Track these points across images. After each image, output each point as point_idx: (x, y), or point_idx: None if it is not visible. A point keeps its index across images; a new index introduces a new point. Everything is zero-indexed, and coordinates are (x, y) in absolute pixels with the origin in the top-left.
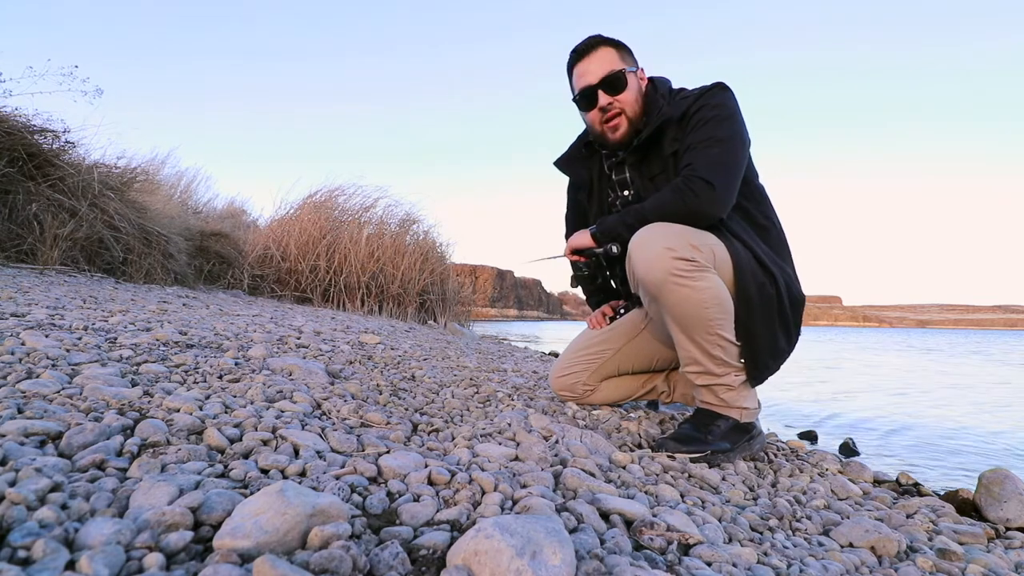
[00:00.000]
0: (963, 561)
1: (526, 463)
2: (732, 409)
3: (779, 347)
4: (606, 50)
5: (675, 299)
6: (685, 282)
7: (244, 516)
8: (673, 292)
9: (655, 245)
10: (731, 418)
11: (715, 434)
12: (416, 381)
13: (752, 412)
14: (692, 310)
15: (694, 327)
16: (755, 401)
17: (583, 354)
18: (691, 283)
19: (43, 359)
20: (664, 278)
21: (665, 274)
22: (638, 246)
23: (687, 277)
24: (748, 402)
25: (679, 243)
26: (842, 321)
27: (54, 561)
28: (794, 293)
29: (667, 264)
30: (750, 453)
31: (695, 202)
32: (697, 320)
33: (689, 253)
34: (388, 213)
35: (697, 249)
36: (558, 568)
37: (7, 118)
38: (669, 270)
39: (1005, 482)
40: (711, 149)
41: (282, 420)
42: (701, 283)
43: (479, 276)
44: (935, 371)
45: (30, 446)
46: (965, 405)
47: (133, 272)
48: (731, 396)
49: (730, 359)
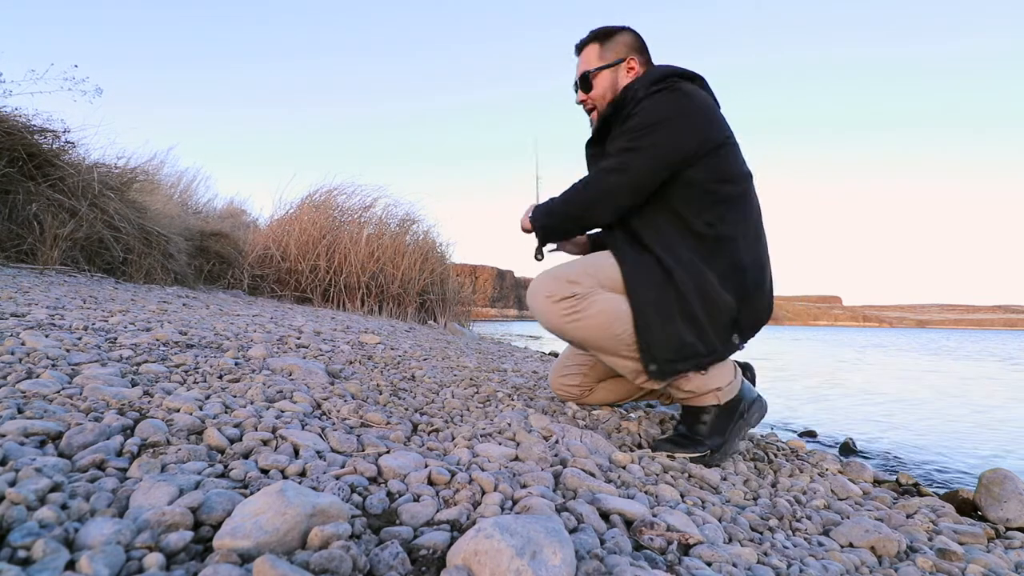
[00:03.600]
0: (963, 561)
1: (526, 463)
2: (706, 395)
3: (685, 343)
4: (590, 48)
5: (577, 334)
6: (576, 317)
7: (244, 516)
8: (572, 330)
9: (538, 297)
10: (711, 405)
11: (704, 431)
12: (416, 381)
13: (729, 388)
14: (597, 335)
15: (610, 348)
16: (727, 376)
17: (579, 357)
18: (582, 315)
19: (43, 359)
20: (557, 323)
21: (556, 319)
22: (529, 299)
23: (576, 312)
24: (718, 381)
25: (556, 286)
26: (842, 321)
27: (54, 561)
28: (709, 295)
29: (552, 311)
30: (749, 427)
31: (584, 206)
32: (608, 341)
33: (568, 291)
34: (388, 213)
35: (575, 283)
36: (558, 568)
37: (7, 118)
38: (557, 314)
39: (1005, 482)
40: (620, 156)
41: (282, 420)
42: (591, 310)
43: (479, 276)
44: (935, 371)
45: (30, 446)
46: (965, 405)
47: (133, 272)
48: (695, 384)
49: None
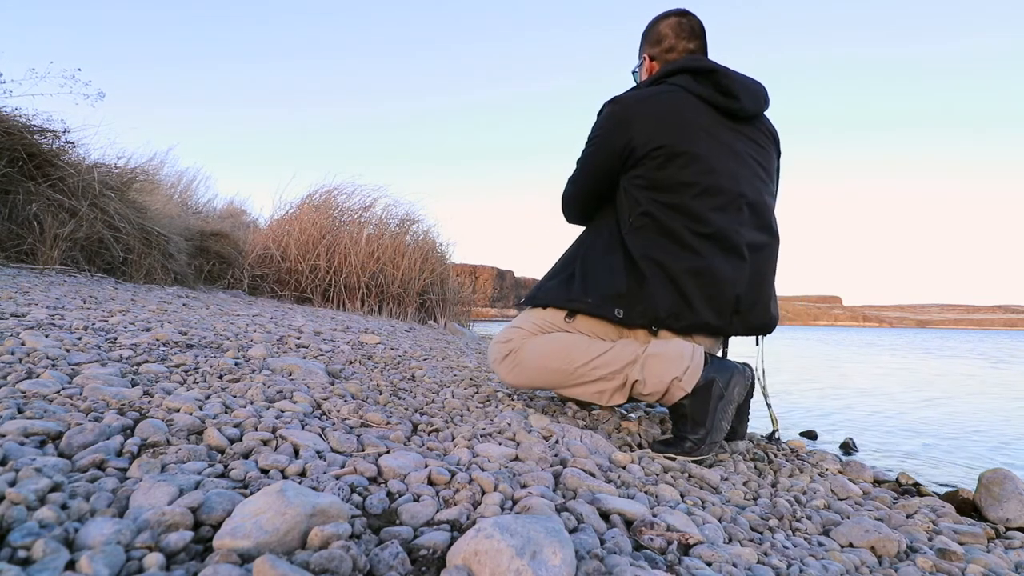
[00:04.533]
0: (963, 561)
1: (526, 463)
2: (670, 391)
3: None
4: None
5: (527, 380)
6: (519, 370)
7: (244, 516)
8: (521, 378)
9: (490, 362)
10: (681, 399)
11: (686, 427)
12: (416, 381)
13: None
14: (546, 376)
15: (557, 381)
16: (681, 363)
17: None
18: (522, 365)
19: (43, 359)
20: (510, 380)
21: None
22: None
23: (517, 365)
24: (672, 370)
25: (495, 350)
26: (842, 321)
27: (54, 561)
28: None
29: (502, 371)
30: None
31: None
32: (556, 376)
33: (503, 351)
34: (388, 213)
35: (507, 341)
36: (558, 568)
37: (7, 118)
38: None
39: (1005, 482)
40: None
41: (282, 420)
42: (525, 355)
43: (479, 276)
44: (935, 371)
45: (30, 446)
46: (965, 405)
47: (133, 272)
48: (652, 385)
49: (608, 367)
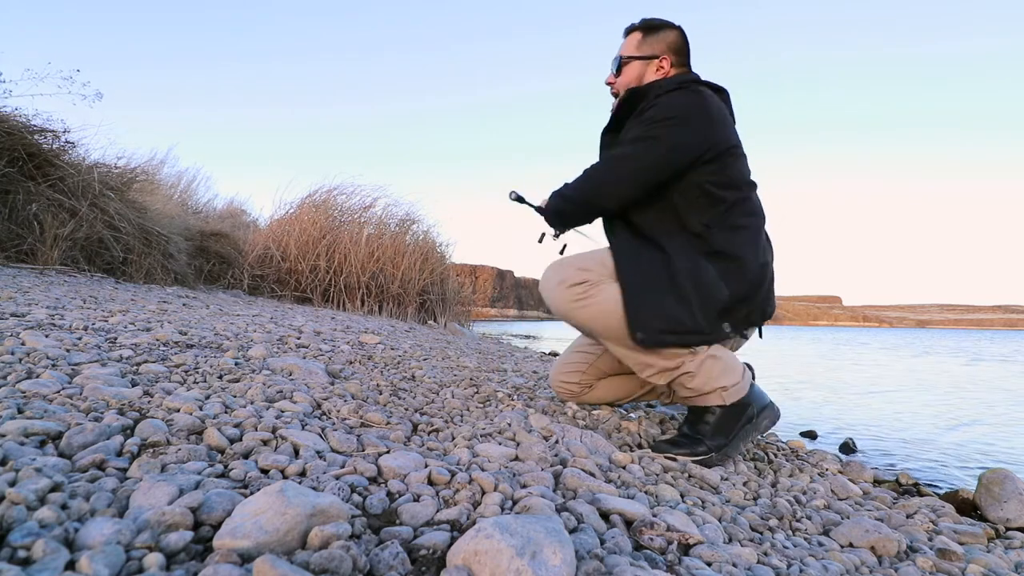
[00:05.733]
0: (963, 561)
1: (526, 463)
2: (710, 395)
3: (671, 315)
4: (634, 36)
5: (584, 319)
6: (585, 303)
7: (244, 516)
8: (579, 315)
9: (550, 284)
10: (716, 406)
11: (706, 431)
12: (416, 381)
13: (736, 388)
14: (605, 322)
15: (616, 337)
16: (734, 376)
17: (582, 350)
18: (590, 301)
19: (43, 359)
20: (567, 308)
21: (566, 304)
22: (542, 287)
23: (585, 298)
24: (724, 379)
25: (568, 273)
26: (842, 321)
27: (54, 561)
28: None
29: (564, 295)
30: (758, 433)
31: (592, 190)
32: (615, 330)
33: (579, 277)
34: (387, 213)
35: (587, 270)
36: (558, 568)
37: (7, 118)
38: (567, 300)
39: (1005, 482)
40: (633, 145)
41: (282, 420)
42: (600, 296)
43: (479, 276)
44: (935, 371)
45: (30, 446)
46: (965, 405)
47: (133, 272)
48: (699, 382)
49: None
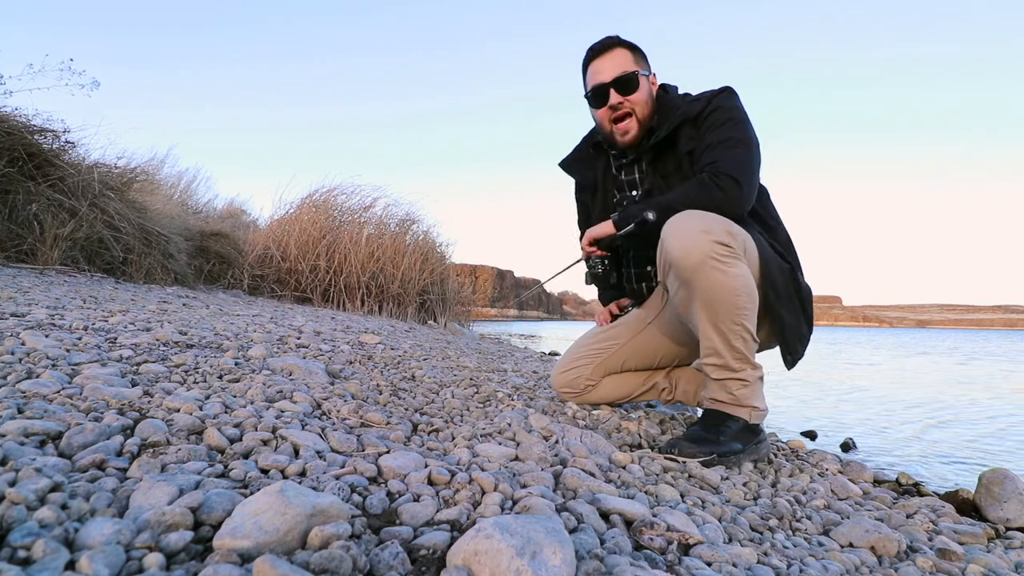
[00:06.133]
0: (963, 561)
1: (526, 463)
2: (743, 408)
3: (802, 333)
4: (621, 51)
5: (708, 283)
6: (720, 266)
7: (244, 516)
8: (707, 275)
9: (693, 228)
10: (741, 419)
11: (726, 435)
12: (416, 381)
13: (761, 413)
14: (723, 295)
15: (722, 314)
16: (764, 402)
17: (588, 348)
18: (725, 268)
19: (43, 359)
20: (701, 260)
21: (703, 256)
22: (673, 231)
23: (722, 262)
24: (758, 402)
25: (717, 227)
26: (842, 321)
27: (54, 561)
28: (803, 286)
29: (705, 247)
30: (757, 456)
31: (722, 197)
32: (726, 306)
33: (727, 239)
34: (387, 213)
35: (733, 236)
36: (558, 568)
37: (7, 118)
38: (707, 253)
39: (1005, 482)
40: (734, 149)
41: (282, 420)
42: (734, 269)
43: (479, 276)
44: (935, 371)
45: (30, 446)
46: (965, 405)
47: (133, 272)
48: (744, 393)
49: (749, 353)
